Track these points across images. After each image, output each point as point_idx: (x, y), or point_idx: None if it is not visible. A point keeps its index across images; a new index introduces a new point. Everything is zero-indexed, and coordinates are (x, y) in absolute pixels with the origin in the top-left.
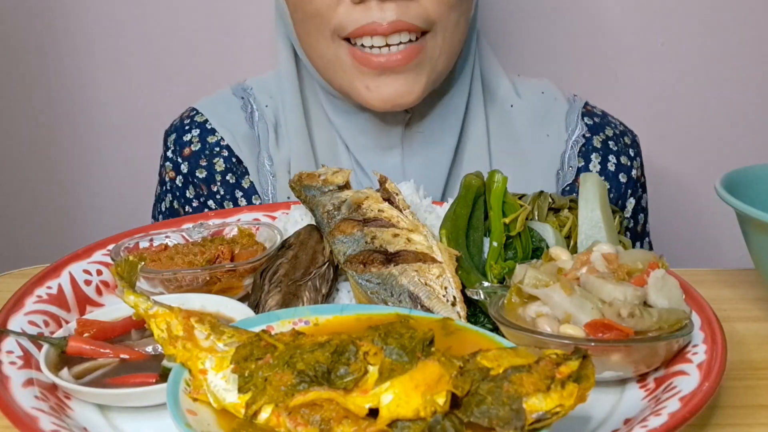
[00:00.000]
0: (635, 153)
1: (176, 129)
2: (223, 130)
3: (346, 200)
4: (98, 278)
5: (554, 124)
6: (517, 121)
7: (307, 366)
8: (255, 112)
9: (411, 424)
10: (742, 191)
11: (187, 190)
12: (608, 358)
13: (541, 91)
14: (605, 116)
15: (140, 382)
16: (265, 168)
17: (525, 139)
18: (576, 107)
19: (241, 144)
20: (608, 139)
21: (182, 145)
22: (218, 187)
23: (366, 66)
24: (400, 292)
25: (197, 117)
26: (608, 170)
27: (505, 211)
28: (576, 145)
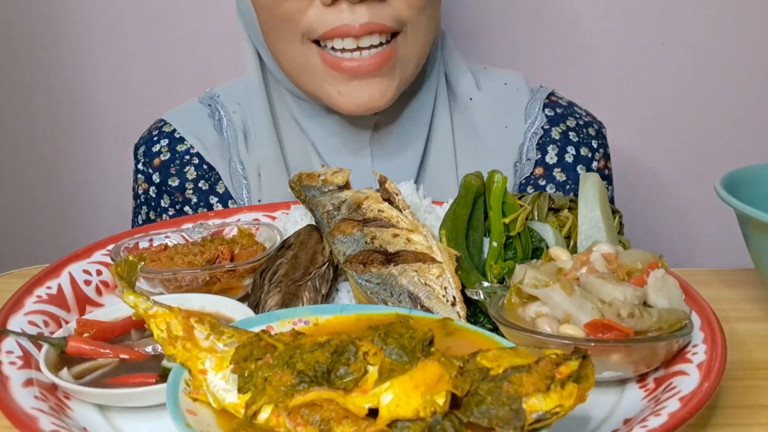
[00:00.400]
0: (599, 144)
1: (145, 141)
2: (191, 138)
3: (345, 200)
4: (98, 278)
5: (514, 116)
6: (477, 113)
7: (307, 366)
8: (223, 119)
9: (411, 424)
10: (742, 191)
11: (162, 200)
12: (608, 359)
13: (504, 82)
14: (570, 107)
15: (140, 382)
16: (238, 173)
17: (484, 131)
18: (538, 98)
19: (211, 151)
20: (569, 130)
21: (152, 156)
22: (191, 195)
23: (337, 71)
24: (400, 292)
25: (165, 127)
26: (565, 161)
27: (504, 211)
28: (534, 137)
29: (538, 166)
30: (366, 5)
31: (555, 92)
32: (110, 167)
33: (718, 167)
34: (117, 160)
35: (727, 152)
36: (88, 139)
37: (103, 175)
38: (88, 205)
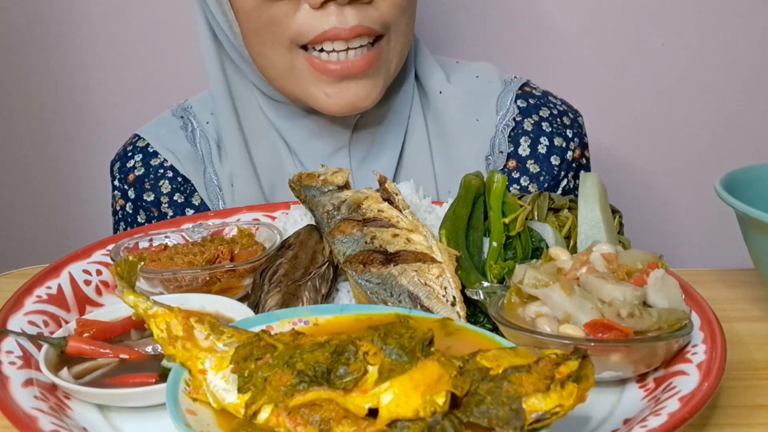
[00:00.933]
0: (574, 133)
1: (120, 158)
2: (165, 151)
3: (345, 200)
4: (98, 278)
5: (485, 108)
6: (447, 107)
7: (307, 366)
8: (196, 131)
9: (410, 424)
10: (742, 191)
11: (138, 215)
12: (608, 358)
13: (476, 75)
14: (545, 96)
15: (140, 382)
16: (213, 184)
17: (454, 125)
18: (510, 89)
19: (185, 163)
20: (542, 121)
21: (126, 172)
22: (167, 209)
23: (324, 73)
24: (400, 292)
25: (139, 142)
26: (539, 153)
27: (504, 211)
28: (506, 129)
29: (510, 158)
30: (354, 7)
31: (530, 82)
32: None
33: (718, 167)
34: None
35: (727, 152)
36: (89, 139)
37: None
38: (88, 205)
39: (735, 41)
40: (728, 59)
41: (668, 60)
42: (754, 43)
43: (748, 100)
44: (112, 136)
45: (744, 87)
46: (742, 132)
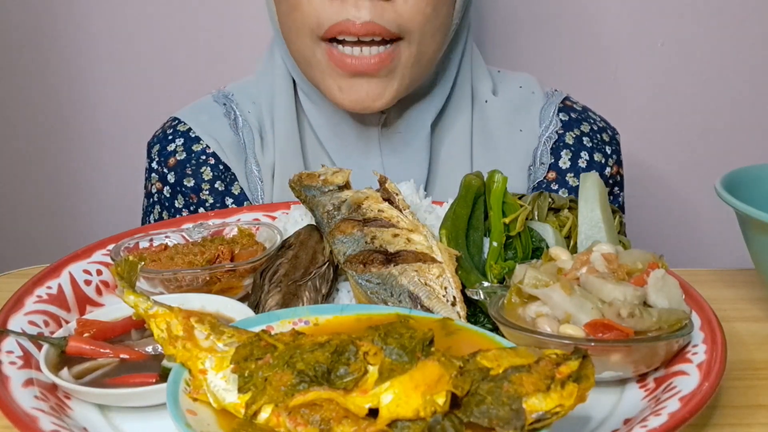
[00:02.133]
0: (612, 150)
1: (159, 140)
2: (207, 137)
3: (346, 200)
4: (98, 278)
5: (528, 119)
6: (492, 116)
7: (307, 366)
8: (239, 118)
9: (411, 424)
10: (742, 191)
11: (176, 200)
12: (608, 358)
13: (519, 85)
14: (585, 111)
15: (140, 382)
16: (254, 174)
17: (498, 134)
18: (553, 102)
19: (227, 151)
20: (583, 135)
21: (167, 156)
22: (207, 196)
23: (340, 67)
24: (400, 292)
25: (180, 126)
26: (579, 167)
27: (505, 211)
28: (549, 141)
29: (551, 170)
30: (371, 2)
31: (569, 97)
32: (111, 167)
33: (719, 167)
34: (118, 159)
35: (728, 152)
36: (89, 139)
37: (103, 174)
38: (89, 205)
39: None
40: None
41: (668, 60)
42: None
43: (749, 100)
44: (113, 137)
45: (744, 87)
46: (742, 132)
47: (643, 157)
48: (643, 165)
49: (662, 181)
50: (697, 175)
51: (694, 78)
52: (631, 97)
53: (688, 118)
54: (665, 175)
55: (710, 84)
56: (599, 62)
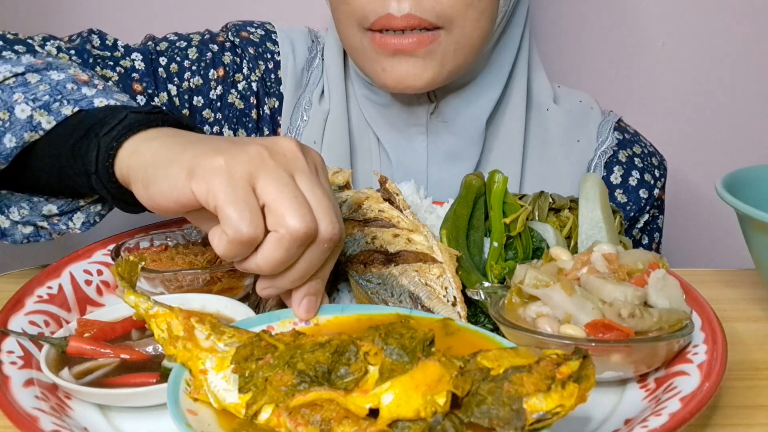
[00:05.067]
0: (660, 174)
1: (242, 23)
2: (285, 47)
3: (346, 200)
4: (99, 278)
5: (586, 131)
6: (552, 124)
7: (308, 366)
8: (316, 59)
9: (411, 424)
10: (742, 191)
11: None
12: (609, 359)
13: (579, 99)
14: (637, 135)
15: (141, 382)
16: (302, 108)
17: (556, 142)
18: (610, 120)
19: (290, 71)
20: (635, 156)
21: (240, 29)
22: (257, 79)
23: (382, 48)
24: (401, 293)
25: (268, 25)
26: (629, 184)
27: (505, 212)
28: (604, 156)
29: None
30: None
31: (623, 119)
32: None
33: (719, 167)
34: None
35: (728, 152)
36: None
37: None
38: None
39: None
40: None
41: (669, 59)
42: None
43: (749, 100)
44: None
45: (745, 87)
46: (743, 132)
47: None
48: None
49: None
50: (697, 175)
51: (695, 78)
52: (631, 98)
53: (688, 119)
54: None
55: (711, 84)
56: (599, 62)
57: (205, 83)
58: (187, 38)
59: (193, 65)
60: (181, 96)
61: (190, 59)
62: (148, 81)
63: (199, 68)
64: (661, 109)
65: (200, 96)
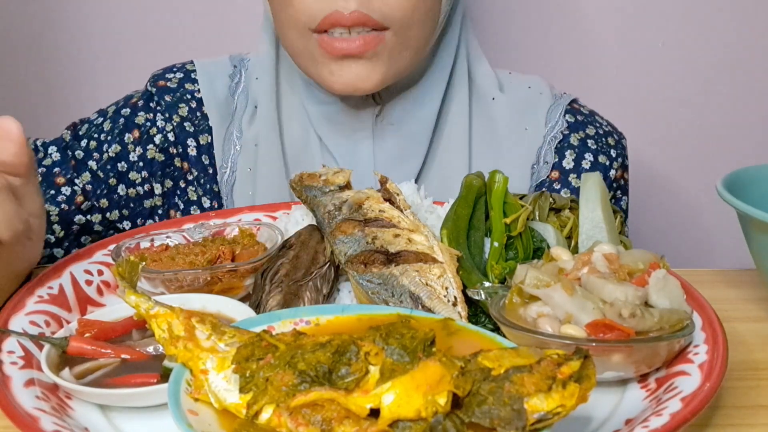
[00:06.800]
0: (617, 154)
1: (163, 70)
2: (204, 83)
3: (346, 200)
4: (99, 278)
5: (535, 119)
6: (498, 113)
7: (309, 366)
8: (240, 84)
9: (412, 424)
10: (743, 191)
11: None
12: (609, 359)
13: (528, 86)
14: (592, 115)
15: (141, 382)
16: (233, 137)
17: (503, 131)
18: (560, 104)
19: (213, 104)
20: (588, 138)
21: (157, 79)
22: (174, 128)
23: (329, 52)
24: (401, 293)
25: (188, 65)
26: (582, 167)
27: (506, 212)
28: (553, 141)
29: (554, 169)
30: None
31: (578, 100)
32: None
33: (720, 167)
34: None
35: (729, 152)
36: None
37: None
38: None
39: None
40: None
41: (668, 60)
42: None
43: (750, 99)
44: None
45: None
46: (743, 132)
47: (643, 158)
48: (644, 165)
49: (663, 181)
50: (698, 175)
51: (695, 78)
52: (632, 98)
53: (688, 119)
54: (666, 176)
55: (711, 84)
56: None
57: (123, 148)
58: (104, 112)
59: (108, 135)
60: (103, 168)
61: (105, 131)
62: (65, 168)
63: (114, 136)
64: (661, 110)
65: (122, 161)
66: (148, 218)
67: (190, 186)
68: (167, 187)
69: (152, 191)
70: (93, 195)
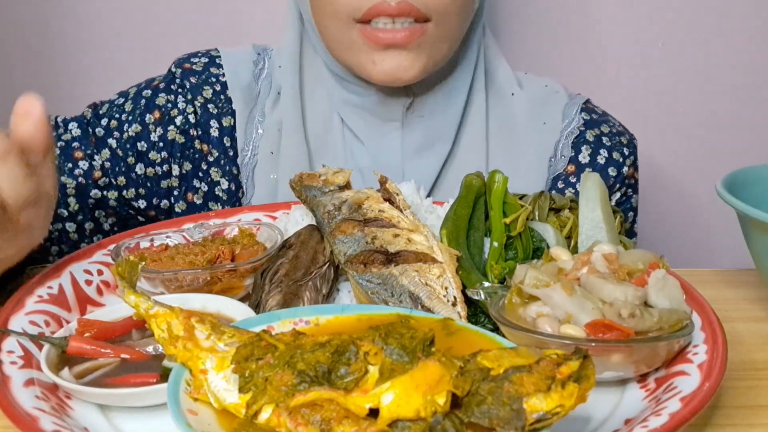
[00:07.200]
0: (629, 152)
1: (187, 55)
2: (229, 67)
3: (346, 200)
4: (99, 278)
5: (552, 114)
6: (516, 108)
7: (308, 366)
8: (264, 70)
9: (411, 424)
10: (743, 191)
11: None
12: (609, 359)
13: (545, 84)
14: (605, 115)
15: (141, 382)
16: (255, 121)
17: (522, 126)
18: (576, 102)
19: (237, 87)
20: (602, 135)
21: (183, 62)
22: (195, 109)
23: (373, 42)
24: (401, 293)
25: (213, 52)
26: (597, 162)
27: (505, 211)
28: (570, 136)
29: (570, 163)
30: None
31: (591, 101)
32: None
33: (720, 167)
34: None
35: (728, 152)
36: None
37: None
38: None
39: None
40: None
41: (669, 60)
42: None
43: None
44: None
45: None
46: (743, 132)
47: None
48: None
49: (663, 181)
50: (697, 175)
51: (695, 78)
52: (632, 98)
53: (688, 119)
54: (666, 176)
55: (711, 84)
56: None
57: (144, 128)
58: (125, 93)
59: (130, 116)
60: (122, 147)
61: (126, 112)
62: (85, 144)
63: (135, 116)
64: (662, 109)
65: (142, 141)
66: (163, 198)
67: (211, 167)
68: (185, 170)
69: (170, 172)
70: (111, 172)
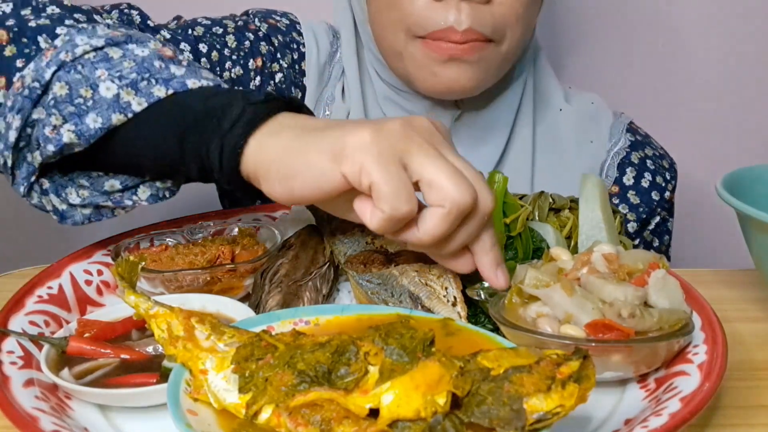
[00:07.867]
0: (671, 177)
1: (265, 10)
2: (309, 39)
3: None
4: (99, 278)
5: (599, 132)
6: (564, 124)
7: (308, 366)
8: (337, 54)
9: (411, 424)
10: (742, 191)
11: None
12: (609, 359)
13: (591, 101)
14: (648, 137)
15: (141, 382)
16: (323, 102)
17: (569, 142)
18: (622, 121)
19: (313, 63)
20: (647, 158)
21: (266, 16)
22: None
23: (436, 53)
24: (401, 293)
25: (291, 15)
26: (641, 186)
27: (505, 211)
28: (617, 157)
29: (615, 184)
30: (471, 6)
31: (634, 122)
32: None
33: (719, 167)
34: None
35: (728, 152)
36: None
37: None
38: None
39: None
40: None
41: (669, 59)
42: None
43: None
44: None
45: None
46: (743, 132)
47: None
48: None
49: None
50: (697, 175)
51: (695, 78)
52: (632, 98)
53: (688, 119)
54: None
55: (711, 84)
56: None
57: (246, 73)
58: (221, 23)
59: (233, 54)
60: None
61: (229, 47)
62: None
63: (239, 57)
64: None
65: (240, 86)
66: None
67: None
68: None
69: None
70: None
